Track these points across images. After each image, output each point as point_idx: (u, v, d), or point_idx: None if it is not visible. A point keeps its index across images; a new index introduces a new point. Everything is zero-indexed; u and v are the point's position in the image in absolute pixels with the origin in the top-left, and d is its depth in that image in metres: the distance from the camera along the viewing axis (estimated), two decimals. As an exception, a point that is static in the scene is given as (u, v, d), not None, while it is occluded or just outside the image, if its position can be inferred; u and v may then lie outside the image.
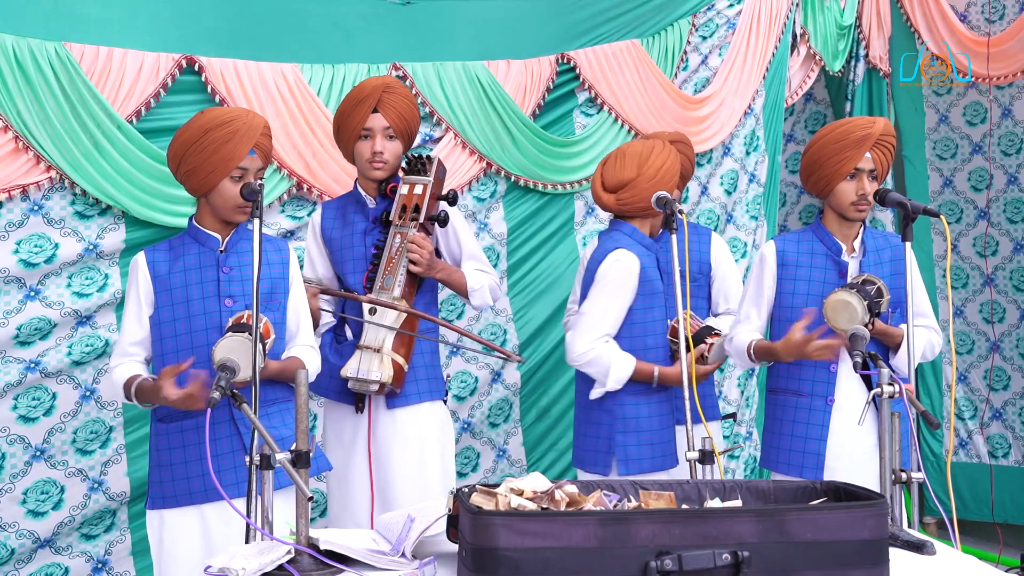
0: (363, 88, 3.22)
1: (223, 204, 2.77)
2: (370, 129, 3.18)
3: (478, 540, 1.85)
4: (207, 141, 2.73)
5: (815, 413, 3.10)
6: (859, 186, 3.04)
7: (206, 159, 2.73)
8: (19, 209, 3.32)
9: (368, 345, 3.10)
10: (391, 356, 3.08)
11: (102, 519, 3.57)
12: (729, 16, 4.85)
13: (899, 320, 3.04)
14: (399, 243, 3.13)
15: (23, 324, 3.33)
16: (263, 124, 2.80)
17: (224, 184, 2.75)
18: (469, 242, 3.35)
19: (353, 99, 3.21)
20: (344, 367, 3.10)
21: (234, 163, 2.73)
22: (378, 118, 3.18)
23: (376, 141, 3.18)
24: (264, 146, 2.80)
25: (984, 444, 5.36)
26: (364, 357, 3.09)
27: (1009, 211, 5.25)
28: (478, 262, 3.33)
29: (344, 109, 3.22)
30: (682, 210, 2.89)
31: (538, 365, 4.47)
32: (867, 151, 3.04)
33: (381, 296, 3.10)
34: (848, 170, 3.04)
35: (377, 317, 3.10)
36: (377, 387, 3.08)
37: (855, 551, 1.89)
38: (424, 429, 3.23)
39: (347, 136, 3.22)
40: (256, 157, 2.77)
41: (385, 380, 3.06)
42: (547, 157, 4.39)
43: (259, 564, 2.00)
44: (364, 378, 3.07)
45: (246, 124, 2.75)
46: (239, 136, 2.73)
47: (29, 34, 3.26)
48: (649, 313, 3.21)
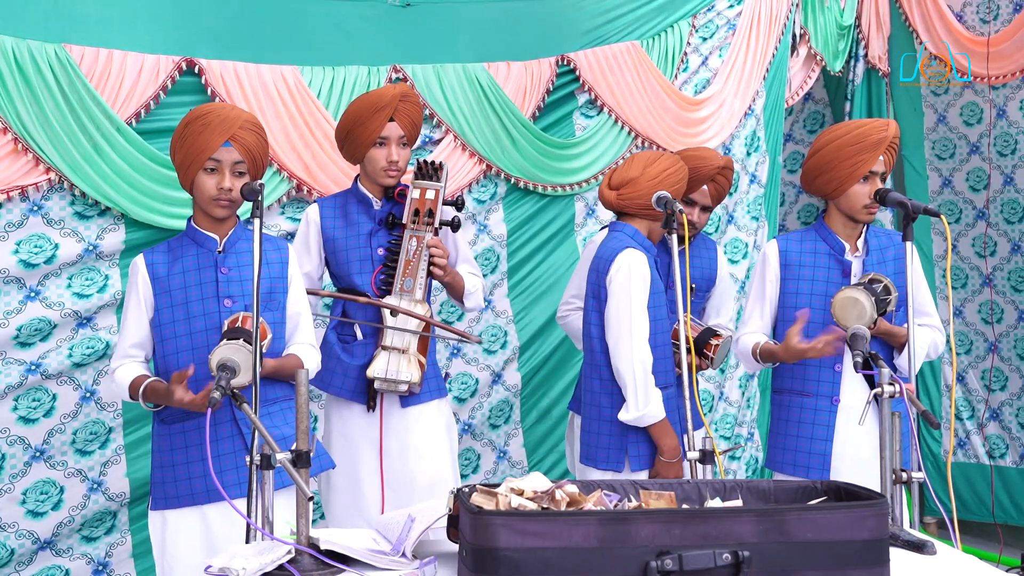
0: (382, 96, 3.22)
1: (200, 198, 2.77)
2: (386, 138, 3.20)
3: (478, 540, 1.85)
4: (186, 134, 2.74)
5: (820, 414, 3.10)
6: (872, 188, 3.04)
7: (185, 152, 2.74)
8: (18, 209, 3.33)
9: (395, 346, 3.14)
10: (417, 357, 3.14)
11: (102, 521, 3.57)
12: (729, 17, 4.85)
13: (902, 320, 3.04)
14: (416, 246, 3.16)
15: (23, 325, 3.33)
16: (244, 118, 2.77)
17: (199, 176, 2.75)
18: (464, 246, 3.42)
19: (371, 107, 3.20)
20: (371, 367, 3.14)
21: (206, 154, 2.71)
22: (394, 127, 3.20)
23: (392, 149, 3.21)
24: (244, 139, 2.75)
25: (982, 445, 5.36)
26: (392, 358, 3.13)
27: (1006, 211, 5.25)
28: (471, 265, 3.41)
29: (360, 116, 3.21)
30: (682, 210, 2.89)
31: (539, 366, 4.47)
32: (881, 154, 3.04)
33: (403, 298, 3.16)
34: (863, 173, 3.04)
35: (400, 320, 3.13)
36: (405, 388, 3.14)
37: (855, 551, 1.89)
38: (435, 426, 3.29)
39: (360, 143, 3.22)
40: (232, 149, 2.73)
41: (415, 380, 3.12)
42: (547, 159, 4.39)
43: (259, 564, 2.00)
44: (394, 378, 3.12)
45: (220, 116, 2.73)
46: (212, 127, 2.71)
47: (29, 36, 3.26)
48: (657, 311, 3.21)
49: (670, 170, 3.22)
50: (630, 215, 3.27)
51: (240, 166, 2.75)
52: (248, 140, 2.76)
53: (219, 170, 2.73)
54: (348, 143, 3.27)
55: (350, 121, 3.23)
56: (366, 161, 3.25)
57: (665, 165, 3.23)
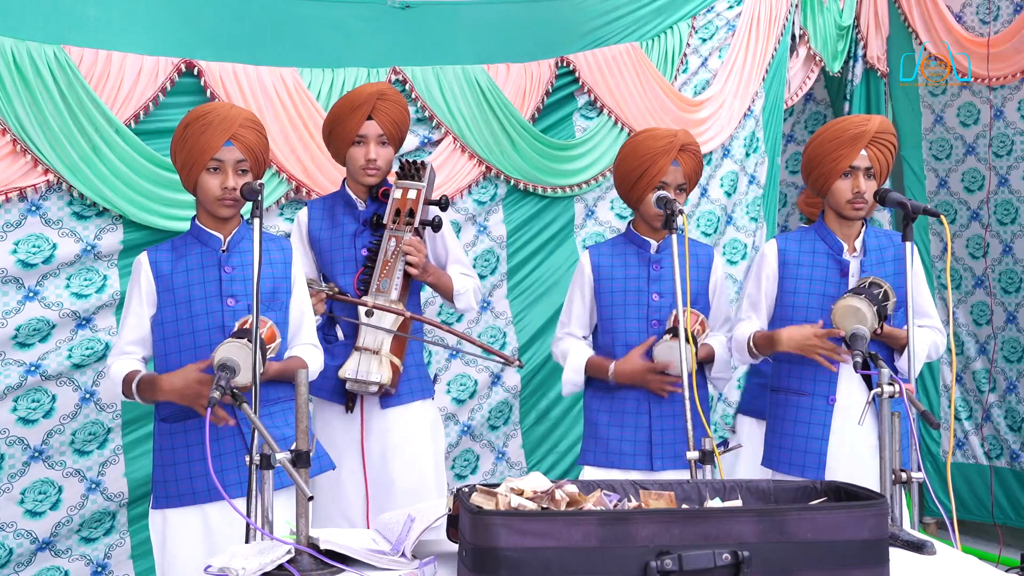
0: (358, 95, 3.22)
1: (204, 198, 2.77)
2: (364, 136, 3.20)
3: (478, 540, 1.84)
4: (187, 134, 2.74)
5: (817, 413, 3.10)
6: (854, 184, 3.04)
7: (187, 153, 2.74)
8: (16, 210, 3.33)
9: (366, 347, 3.12)
10: (389, 358, 3.10)
11: (101, 521, 3.57)
12: (729, 18, 4.86)
13: (902, 320, 3.03)
14: (394, 246, 3.15)
15: (22, 325, 3.33)
16: (244, 116, 2.77)
17: (202, 177, 2.75)
18: (455, 247, 3.39)
19: (348, 105, 3.21)
20: (342, 368, 3.12)
21: (208, 154, 2.71)
22: (372, 125, 3.19)
23: (370, 148, 3.20)
24: (245, 138, 2.75)
25: (980, 445, 5.36)
26: (363, 359, 3.11)
27: (999, 212, 5.25)
28: (462, 266, 3.38)
29: (338, 115, 3.22)
30: (682, 210, 2.89)
31: (538, 368, 4.47)
32: (862, 148, 3.04)
33: (378, 299, 3.13)
34: (843, 168, 3.04)
35: (375, 320, 3.11)
36: (376, 388, 3.10)
37: (855, 551, 1.89)
38: (417, 427, 3.26)
39: (340, 141, 3.23)
40: (234, 148, 2.73)
41: (384, 382, 3.09)
42: (546, 160, 4.39)
43: (259, 564, 2.00)
44: (364, 379, 3.09)
45: (220, 115, 2.73)
46: (213, 127, 2.72)
47: (28, 37, 3.27)
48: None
49: (616, 162, 3.26)
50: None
51: (243, 164, 2.75)
52: (249, 138, 2.76)
53: (222, 169, 2.73)
54: (331, 142, 3.29)
55: (331, 120, 3.25)
56: (347, 160, 3.25)
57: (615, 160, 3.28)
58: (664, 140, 3.14)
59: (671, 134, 3.18)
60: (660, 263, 3.20)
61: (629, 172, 3.16)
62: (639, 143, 3.19)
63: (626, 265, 3.23)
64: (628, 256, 3.24)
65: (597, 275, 3.24)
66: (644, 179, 3.12)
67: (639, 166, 3.13)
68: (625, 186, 3.20)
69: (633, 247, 3.24)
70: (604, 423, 3.21)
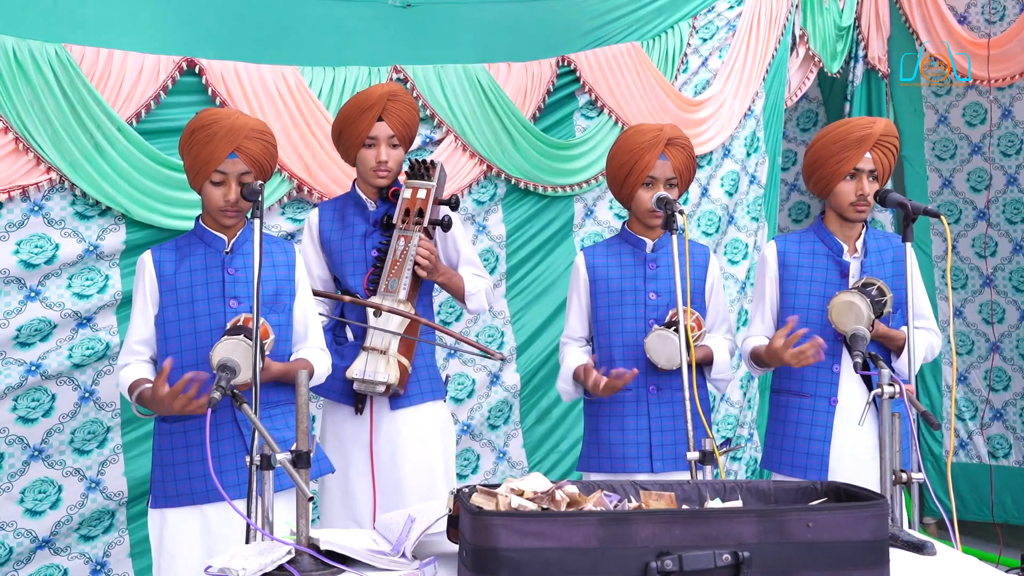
0: (369, 96, 3.20)
1: (207, 206, 2.79)
2: (375, 138, 3.19)
3: (478, 540, 1.84)
4: (193, 141, 2.75)
5: (818, 414, 3.10)
6: (858, 186, 3.04)
7: (192, 160, 2.75)
8: (19, 209, 3.32)
9: (374, 347, 3.12)
10: (397, 358, 3.10)
11: (100, 520, 3.57)
12: (729, 18, 4.86)
13: (900, 322, 3.04)
14: (403, 246, 3.14)
15: (23, 325, 3.33)
16: (249, 127, 2.75)
17: (206, 186, 2.76)
18: (466, 247, 3.38)
19: (358, 106, 3.19)
20: (350, 368, 3.12)
21: (212, 167, 2.72)
22: (383, 127, 3.18)
23: (381, 150, 3.18)
24: (250, 149, 2.73)
25: (984, 445, 5.36)
26: (371, 359, 3.11)
27: (1008, 212, 5.25)
28: (474, 267, 3.36)
29: (348, 116, 3.21)
30: (682, 210, 2.89)
31: (538, 367, 4.47)
32: (867, 151, 3.04)
33: (386, 298, 3.12)
34: (847, 170, 3.04)
35: (382, 321, 3.11)
36: (384, 389, 3.10)
37: (855, 551, 1.89)
38: (427, 429, 3.24)
39: (350, 142, 3.22)
40: (238, 160, 2.72)
41: (392, 382, 3.08)
42: (547, 160, 4.39)
43: (259, 564, 2.00)
44: (371, 379, 3.09)
45: (225, 127, 2.72)
46: (217, 139, 2.71)
47: (29, 36, 3.26)
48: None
49: (607, 160, 3.25)
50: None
51: (247, 176, 2.75)
52: (254, 149, 2.75)
53: (225, 182, 2.74)
54: (340, 144, 3.28)
55: (341, 121, 3.23)
56: (358, 162, 3.24)
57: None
58: (650, 135, 3.13)
59: (657, 128, 3.16)
60: (656, 262, 3.19)
61: (618, 169, 3.16)
62: (626, 139, 3.18)
63: (621, 265, 3.22)
64: (624, 256, 3.23)
65: (593, 276, 3.23)
66: (632, 175, 3.11)
67: (627, 162, 3.12)
68: (616, 183, 3.19)
69: (628, 246, 3.23)
70: (604, 428, 3.19)
